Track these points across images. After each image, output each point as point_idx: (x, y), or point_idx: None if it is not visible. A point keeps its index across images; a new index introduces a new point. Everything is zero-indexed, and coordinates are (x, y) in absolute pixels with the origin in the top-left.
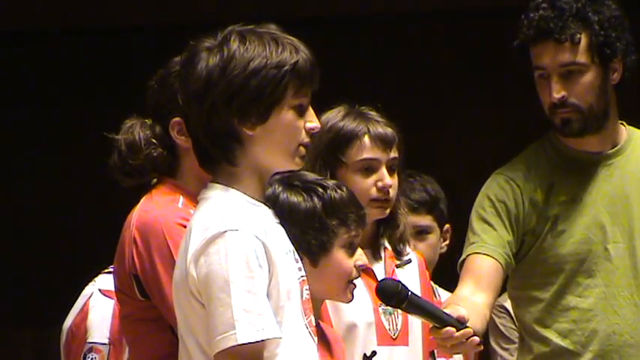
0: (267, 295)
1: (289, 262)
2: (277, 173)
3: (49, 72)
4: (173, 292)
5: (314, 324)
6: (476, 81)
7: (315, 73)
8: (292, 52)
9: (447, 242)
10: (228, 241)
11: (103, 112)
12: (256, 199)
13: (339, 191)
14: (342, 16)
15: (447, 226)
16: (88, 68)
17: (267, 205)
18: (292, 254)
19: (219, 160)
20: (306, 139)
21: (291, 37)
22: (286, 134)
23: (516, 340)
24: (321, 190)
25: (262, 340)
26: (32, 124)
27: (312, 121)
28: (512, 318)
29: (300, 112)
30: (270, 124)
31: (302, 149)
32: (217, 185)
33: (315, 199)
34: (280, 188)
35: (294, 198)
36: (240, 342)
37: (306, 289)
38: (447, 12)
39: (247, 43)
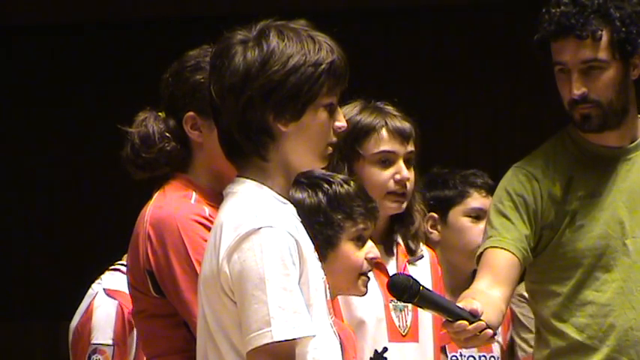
0: None
1: (316, 261)
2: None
3: (60, 67)
4: (201, 290)
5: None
6: (489, 74)
7: (347, 73)
8: (328, 51)
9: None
10: (262, 237)
11: (114, 108)
12: (283, 197)
13: (345, 185)
14: (350, 9)
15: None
16: (99, 62)
17: (292, 203)
18: (315, 253)
19: (250, 154)
20: (334, 138)
21: (324, 35)
22: (318, 132)
23: (534, 330)
24: (326, 185)
25: (297, 338)
26: (38, 121)
27: (340, 120)
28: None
29: (331, 110)
30: (304, 121)
31: (329, 148)
32: (245, 180)
33: (320, 194)
34: None
35: (299, 194)
36: (275, 339)
37: (328, 289)
38: (459, 5)
39: (286, 39)
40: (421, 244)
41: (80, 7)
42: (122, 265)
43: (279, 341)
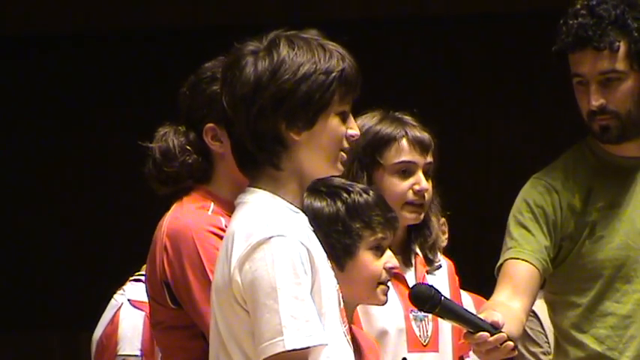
0: None
1: (328, 270)
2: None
3: (80, 78)
4: (213, 298)
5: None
6: (506, 86)
7: (359, 80)
8: (339, 59)
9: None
10: (274, 246)
11: (134, 118)
12: (295, 206)
13: (364, 195)
14: (367, 19)
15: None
16: (118, 74)
17: (304, 213)
18: (328, 262)
19: (263, 164)
20: (347, 146)
21: (335, 44)
22: (331, 140)
23: (543, 345)
24: (345, 194)
25: (309, 347)
26: (58, 129)
27: (352, 128)
28: (540, 322)
29: (344, 118)
30: (317, 129)
31: (343, 155)
32: (257, 190)
33: (339, 204)
34: (305, 194)
35: (318, 203)
36: (287, 348)
37: (341, 298)
38: (474, 16)
39: (296, 48)
40: (439, 254)
41: (104, 17)
42: (143, 275)
43: (292, 350)
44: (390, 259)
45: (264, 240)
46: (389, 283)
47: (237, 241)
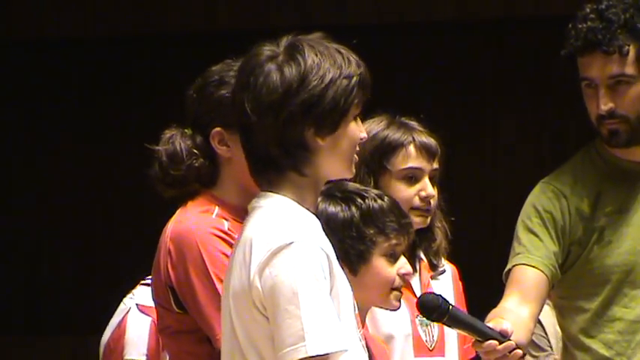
0: None
1: (344, 276)
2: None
3: (88, 79)
4: (231, 304)
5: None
6: (514, 88)
7: (371, 84)
8: (356, 63)
9: None
10: (294, 252)
11: (142, 122)
12: (311, 212)
13: (378, 201)
14: (379, 24)
15: None
16: (127, 76)
17: (324, 217)
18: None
19: (287, 169)
20: (358, 149)
21: (345, 48)
22: (350, 144)
23: (546, 348)
24: (359, 199)
25: (330, 353)
26: (70, 134)
27: (362, 131)
28: (542, 326)
29: (357, 122)
30: (339, 134)
31: (356, 157)
32: (272, 194)
33: (353, 209)
34: (320, 199)
35: (333, 208)
36: (310, 354)
37: (355, 304)
38: (485, 20)
39: (319, 53)
40: (443, 259)
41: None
42: None
43: (314, 356)
44: (404, 265)
45: (284, 245)
46: None
47: (257, 247)
